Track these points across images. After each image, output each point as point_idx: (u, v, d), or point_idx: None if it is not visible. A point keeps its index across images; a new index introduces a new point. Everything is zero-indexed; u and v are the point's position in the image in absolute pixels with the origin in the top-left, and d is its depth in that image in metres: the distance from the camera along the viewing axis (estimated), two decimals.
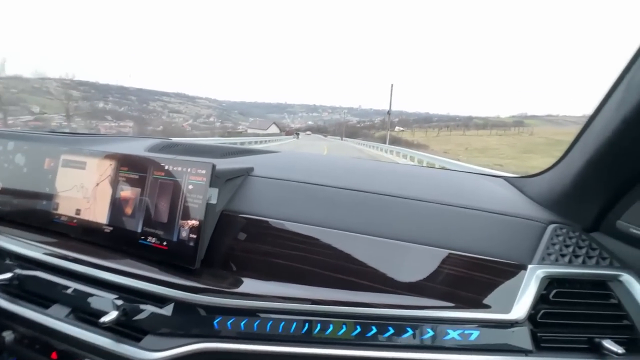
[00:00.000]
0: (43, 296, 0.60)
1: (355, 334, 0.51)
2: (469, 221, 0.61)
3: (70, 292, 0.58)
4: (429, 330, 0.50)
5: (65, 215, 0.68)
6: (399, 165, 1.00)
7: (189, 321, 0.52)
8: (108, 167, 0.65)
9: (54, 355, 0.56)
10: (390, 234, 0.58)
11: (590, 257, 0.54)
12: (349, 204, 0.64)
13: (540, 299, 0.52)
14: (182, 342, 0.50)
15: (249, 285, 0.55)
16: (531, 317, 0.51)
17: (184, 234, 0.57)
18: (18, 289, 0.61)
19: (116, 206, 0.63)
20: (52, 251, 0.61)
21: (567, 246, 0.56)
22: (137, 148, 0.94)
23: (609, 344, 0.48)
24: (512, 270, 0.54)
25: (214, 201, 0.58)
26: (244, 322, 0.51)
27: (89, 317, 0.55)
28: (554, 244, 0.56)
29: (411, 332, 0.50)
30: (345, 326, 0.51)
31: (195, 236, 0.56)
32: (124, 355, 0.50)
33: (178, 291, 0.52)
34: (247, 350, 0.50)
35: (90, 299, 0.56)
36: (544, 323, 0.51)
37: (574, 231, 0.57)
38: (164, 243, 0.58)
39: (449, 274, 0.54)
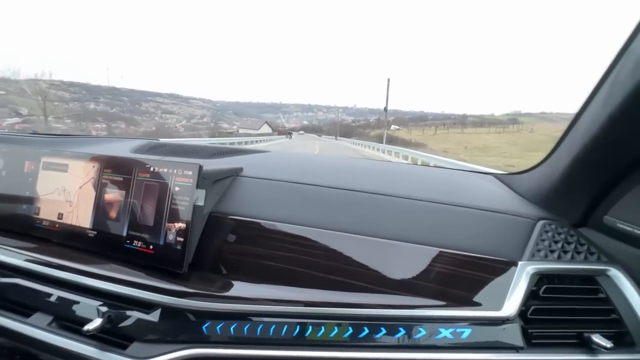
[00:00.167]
0: (24, 304, 0.58)
1: (347, 335, 0.50)
2: (459, 219, 0.61)
3: (52, 299, 0.56)
4: (421, 329, 0.50)
5: (47, 220, 0.66)
6: (390, 164, 1.00)
7: (177, 327, 0.51)
8: (91, 169, 0.63)
9: None
10: (381, 233, 0.58)
11: (578, 253, 0.55)
12: (339, 204, 0.64)
13: (531, 295, 0.52)
14: (169, 349, 0.49)
15: (239, 288, 0.54)
16: (522, 314, 0.51)
17: (170, 237, 0.56)
18: None
19: (100, 209, 0.61)
20: (34, 257, 0.59)
21: (556, 242, 0.56)
22: (123, 149, 0.92)
23: (597, 338, 0.48)
24: (502, 267, 0.54)
25: (201, 203, 0.57)
26: (233, 327, 0.50)
27: (72, 326, 0.53)
28: (543, 240, 0.56)
29: (404, 331, 0.50)
30: (337, 328, 0.50)
31: (182, 239, 0.55)
32: None
33: (165, 296, 0.51)
34: (238, 355, 0.49)
35: (73, 307, 0.54)
36: (535, 319, 0.51)
37: (563, 227, 0.58)
38: (150, 247, 0.57)
39: (440, 273, 0.54)
